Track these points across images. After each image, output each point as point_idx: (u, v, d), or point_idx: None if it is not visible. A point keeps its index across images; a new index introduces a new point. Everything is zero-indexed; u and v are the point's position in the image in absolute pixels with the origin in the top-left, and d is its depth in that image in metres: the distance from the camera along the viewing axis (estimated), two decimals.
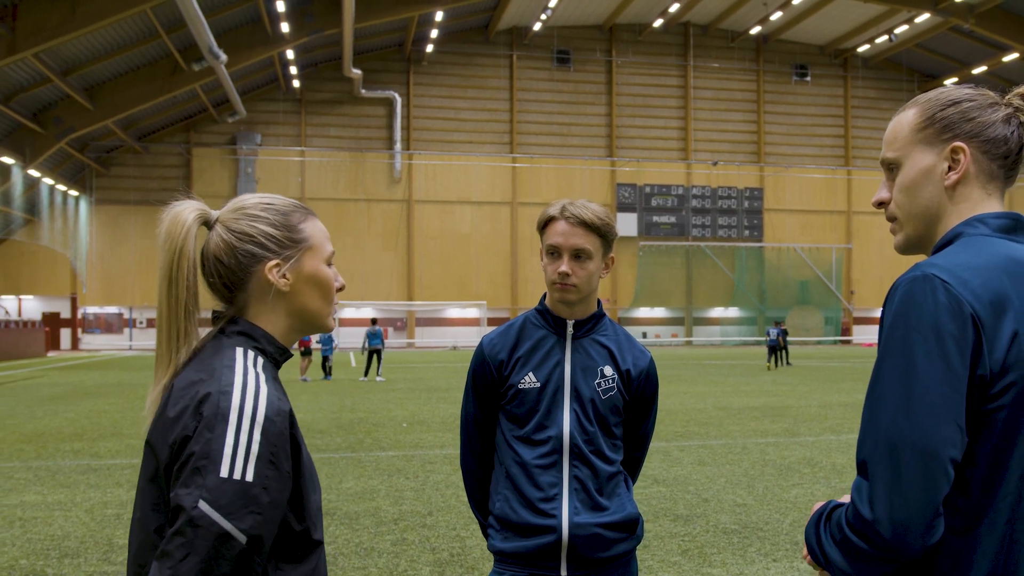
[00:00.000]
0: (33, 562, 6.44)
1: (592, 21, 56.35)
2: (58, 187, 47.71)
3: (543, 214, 2.77)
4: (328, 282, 1.84)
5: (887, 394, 1.57)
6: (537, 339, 2.79)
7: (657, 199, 57.90)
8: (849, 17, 54.68)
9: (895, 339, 1.58)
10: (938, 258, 1.64)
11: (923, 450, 1.51)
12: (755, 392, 20.97)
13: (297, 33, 41.64)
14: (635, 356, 2.82)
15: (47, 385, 24.15)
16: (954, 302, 1.55)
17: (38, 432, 13.88)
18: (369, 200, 54.45)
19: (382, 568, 6.25)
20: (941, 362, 1.53)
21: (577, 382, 2.73)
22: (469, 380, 2.90)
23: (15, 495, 8.92)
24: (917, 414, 1.52)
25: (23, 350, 41.39)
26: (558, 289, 2.71)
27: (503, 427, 2.81)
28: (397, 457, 11.16)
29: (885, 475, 1.52)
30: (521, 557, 2.69)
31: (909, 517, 1.50)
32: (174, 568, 1.48)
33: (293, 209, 1.83)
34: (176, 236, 1.73)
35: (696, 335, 59.69)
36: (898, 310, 1.59)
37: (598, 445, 2.72)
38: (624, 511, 2.74)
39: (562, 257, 2.69)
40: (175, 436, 1.60)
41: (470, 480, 2.96)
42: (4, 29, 30.67)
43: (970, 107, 1.72)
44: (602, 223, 2.70)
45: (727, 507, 8.14)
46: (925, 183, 1.74)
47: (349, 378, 26.70)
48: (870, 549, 1.54)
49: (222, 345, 1.74)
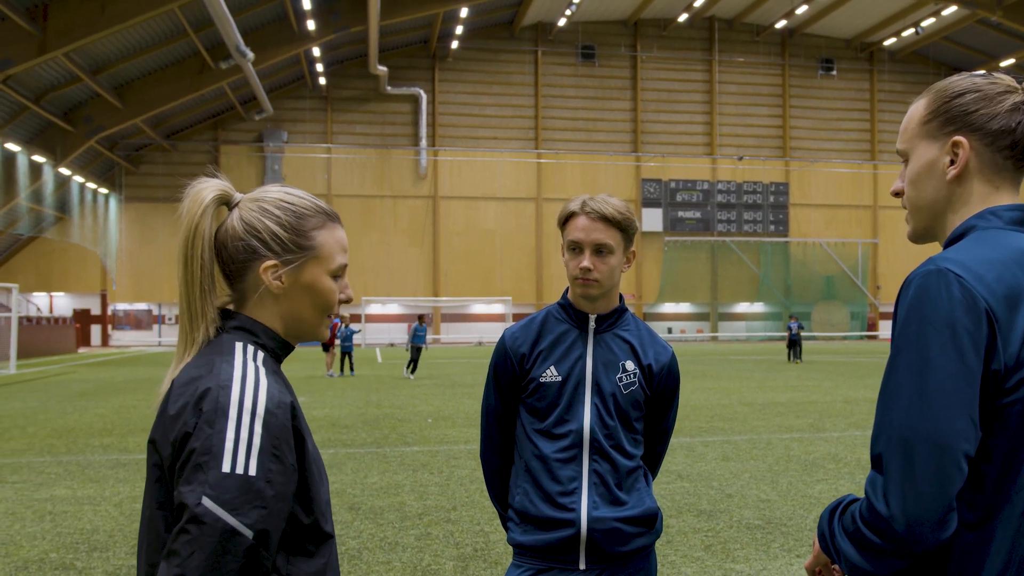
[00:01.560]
0: (63, 555, 6.49)
1: (617, 16, 56.16)
2: (88, 185, 48.18)
3: (564, 209, 2.77)
4: (324, 294, 1.78)
5: (901, 389, 1.56)
6: (559, 333, 2.79)
7: (682, 194, 57.64)
8: (875, 10, 54.18)
9: (909, 334, 1.57)
10: (951, 252, 1.63)
11: (936, 444, 1.50)
12: (780, 387, 20.84)
13: (323, 31, 41.79)
14: (656, 351, 2.82)
15: (77, 381, 24.39)
16: (968, 297, 1.54)
17: (68, 427, 14.01)
18: (395, 196, 54.58)
19: (406, 562, 6.26)
20: (955, 357, 1.52)
21: (599, 376, 2.73)
22: (490, 373, 2.90)
23: (45, 489, 8.99)
24: (931, 408, 1.51)
25: (54, 346, 41.87)
26: (580, 284, 2.72)
27: (523, 420, 2.81)
28: (422, 452, 11.17)
29: (899, 469, 1.52)
30: (540, 550, 2.70)
31: (922, 511, 1.50)
32: (182, 566, 1.47)
33: (313, 213, 1.78)
34: (193, 214, 1.73)
35: (721, 330, 59.39)
36: (912, 304, 1.59)
37: (618, 440, 2.72)
38: (643, 505, 2.73)
39: (584, 252, 2.69)
40: (176, 434, 1.57)
41: (490, 473, 2.97)
42: (35, 29, 30.98)
43: (974, 98, 1.71)
44: (623, 217, 2.69)
45: (751, 503, 8.10)
46: (928, 177, 1.74)
47: (375, 374, 26.75)
48: (883, 543, 1.54)
49: (221, 340, 1.72)
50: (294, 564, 1.65)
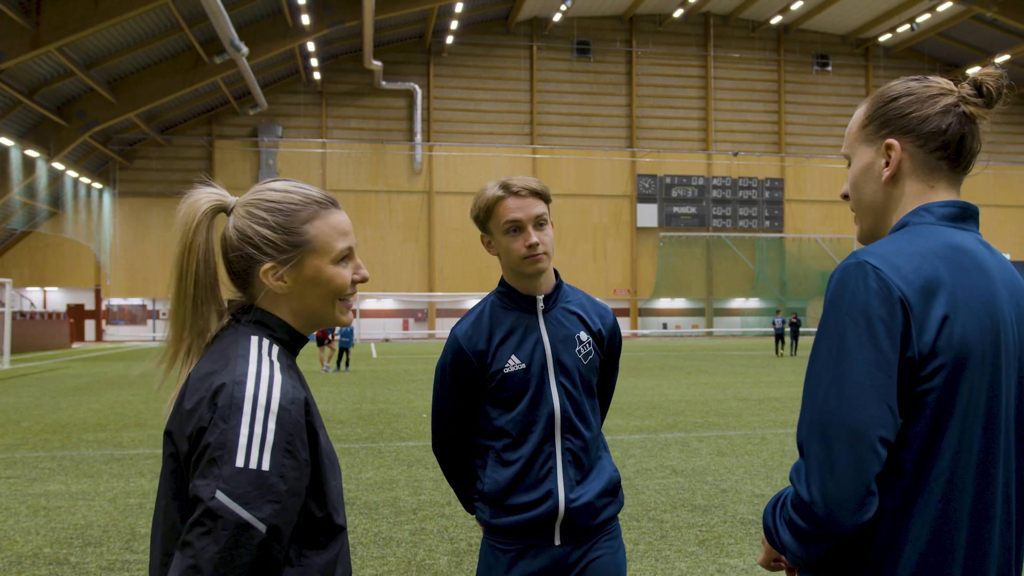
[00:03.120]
0: (57, 550, 6.49)
1: (612, 11, 56.11)
2: (82, 180, 48.03)
3: (484, 199, 2.76)
4: (331, 282, 1.79)
5: (820, 377, 1.62)
6: (511, 321, 2.79)
7: (677, 190, 57.65)
8: (870, 6, 54.17)
9: (828, 324, 1.63)
10: (875, 246, 1.68)
11: (852, 430, 1.55)
12: (775, 383, 20.87)
13: (317, 25, 41.70)
14: (601, 314, 2.90)
15: (71, 376, 24.34)
16: (884, 287, 1.59)
17: (62, 422, 13.99)
18: (390, 192, 54.52)
19: (400, 557, 6.26)
20: (870, 345, 1.58)
21: (559, 354, 2.75)
22: (442, 376, 2.84)
23: (39, 484, 8.99)
24: (847, 395, 1.57)
25: (48, 341, 41.78)
26: (530, 262, 2.72)
27: (489, 414, 2.79)
28: (416, 447, 11.17)
29: (818, 455, 1.58)
30: (514, 530, 2.72)
31: (840, 495, 1.55)
32: (195, 557, 1.49)
33: (302, 207, 1.78)
34: (187, 229, 1.76)
35: (716, 326, 59.45)
36: (832, 296, 1.65)
37: (583, 410, 2.77)
38: (606, 474, 2.79)
39: (526, 229, 2.70)
40: (192, 428, 1.61)
41: (448, 466, 2.95)
42: (28, 23, 30.91)
43: (907, 102, 1.77)
44: (545, 189, 2.77)
45: (745, 498, 8.11)
46: (867, 179, 1.81)
47: (370, 369, 26.75)
48: (808, 528, 1.60)
49: (237, 334, 1.75)
50: (306, 556, 1.68)
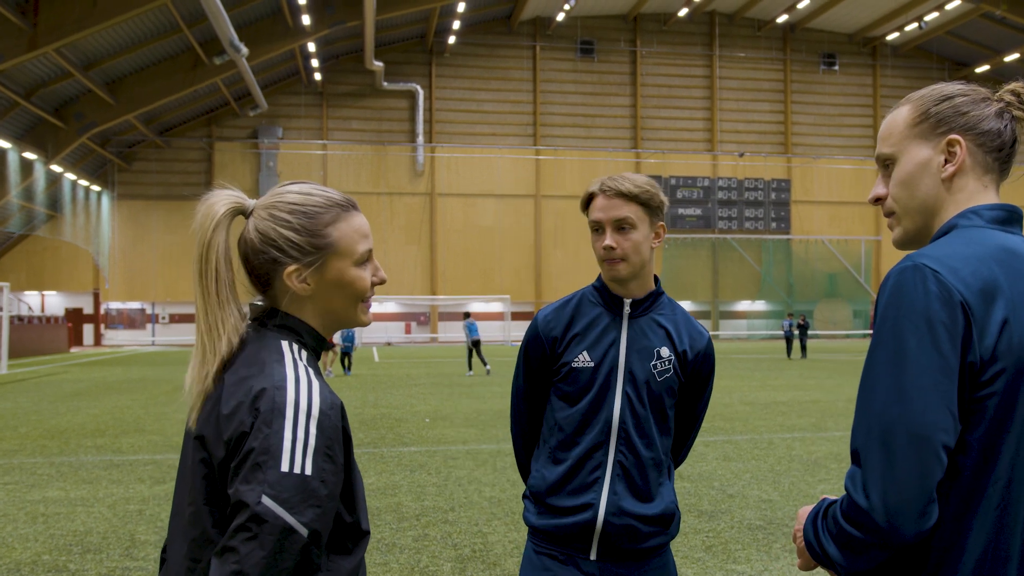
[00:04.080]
0: (55, 557, 6.48)
1: (616, 11, 56.07)
2: (80, 182, 47.97)
3: (585, 193, 2.76)
4: (354, 284, 1.81)
5: (879, 382, 1.60)
6: (593, 317, 2.74)
7: (683, 191, 57.55)
8: (878, 4, 54.07)
9: (886, 328, 1.61)
10: (929, 249, 1.67)
11: (916, 435, 1.53)
12: (782, 387, 20.80)
13: (318, 25, 41.66)
14: (692, 336, 2.78)
15: (70, 381, 24.30)
16: (944, 291, 1.58)
17: (61, 428, 13.94)
18: (392, 194, 54.47)
19: (404, 564, 6.24)
20: (932, 349, 1.56)
21: (631, 363, 2.68)
22: (521, 354, 2.86)
23: (38, 491, 8.98)
24: (909, 400, 1.55)
25: (46, 346, 41.73)
26: (607, 266, 2.68)
27: (553, 405, 2.77)
28: (419, 453, 11.12)
29: (878, 461, 1.55)
30: (553, 536, 2.68)
31: (903, 502, 1.53)
32: (240, 563, 1.50)
33: (325, 209, 1.80)
34: (205, 228, 1.75)
35: (722, 329, 59.37)
36: (889, 300, 1.63)
37: (647, 429, 2.67)
38: (663, 505, 2.70)
39: (605, 231, 2.66)
40: (231, 432, 1.61)
41: (518, 450, 2.97)
42: (25, 24, 30.88)
43: (963, 102, 1.77)
44: (641, 191, 2.65)
45: (752, 503, 8.08)
46: (922, 176, 1.78)
47: (372, 373, 26.73)
48: (865, 537, 1.56)
49: (266, 338, 1.76)
50: (334, 561, 1.70)
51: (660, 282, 2.81)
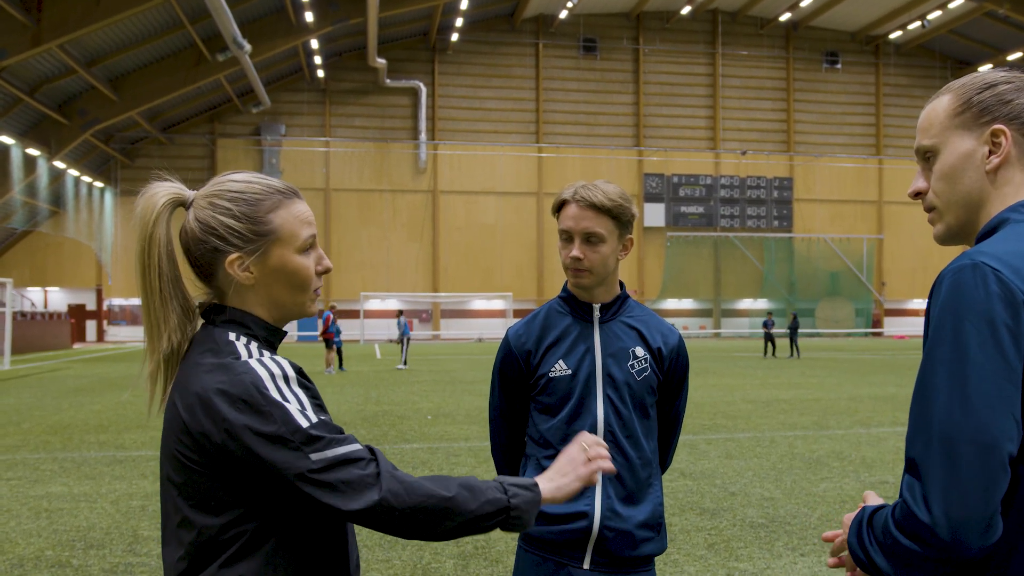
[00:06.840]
0: (59, 553, 6.47)
1: (619, 8, 56.03)
2: (83, 179, 48.04)
3: (558, 196, 2.72)
4: (297, 272, 1.79)
5: (939, 388, 1.49)
6: (564, 326, 2.74)
7: (685, 189, 57.54)
8: (881, 3, 54.04)
9: (945, 330, 1.50)
10: (985, 246, 1.56)
11: (982, 444, 1.43)
12: (784, 385, 20.78)
13: (321, 22, 41.65)
14: (664, 333, 2.78)
15: (73, 377, 24.32)
16: (1006, 291, 1.48)
17: (64, 424, 13.94)
18: (394, 191, 54.47)
19: (406, 561, 6.23)
20: (996, 352, 1.45)
21: (609, 367, 2.68)
22: (495, 374, 2.86)
23: (41, 486, 8.96)
24: (973, 406, 1.44)
25: (49, 342, 41.77)
26: (572, 274, 2.69)
27: (535, 421, 2.75)
28: (422, 450, 11.09)
29: (941, 472, 1.45)
30: (547, 543, 2.66)
31: (968, 516, 1.43)
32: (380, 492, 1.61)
33: (265, 196, 1.77)
34: (146, 222, 1.73)
35: (724, 327, 59.37)
36: (947, 300, 1.52)
37: (633, 430, 2.67)
38: (651, 505, 2.70)
39: (574, 241, 2.65)
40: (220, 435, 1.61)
41: (501, 468, 2.97)
42: (29, 21, 30.88)
43: (1007, 89, 1.67)
44: (614, 204, 2.62)
45: (754, 501, 8.05)
46: (966, 168, 1.69)
47: (373, 370, 26.72)
48: (924, 551, 1.47)
49: (214, 334, 1.74)
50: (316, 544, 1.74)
51: (624, 287, 2.82)
